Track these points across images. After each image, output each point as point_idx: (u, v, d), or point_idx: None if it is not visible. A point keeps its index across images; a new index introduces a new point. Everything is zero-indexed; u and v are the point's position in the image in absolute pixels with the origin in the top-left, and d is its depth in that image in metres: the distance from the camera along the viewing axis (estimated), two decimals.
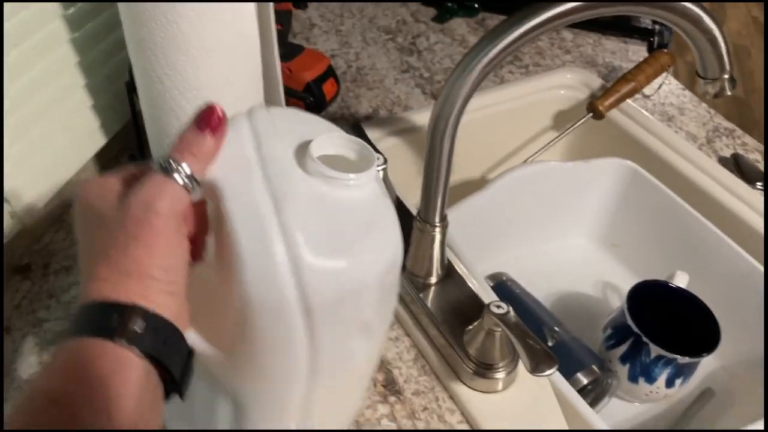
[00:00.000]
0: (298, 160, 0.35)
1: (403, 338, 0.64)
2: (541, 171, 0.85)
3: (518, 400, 0.58)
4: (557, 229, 0.91)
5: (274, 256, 0.32)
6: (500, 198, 0.82)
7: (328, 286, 0.33)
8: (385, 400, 0.58)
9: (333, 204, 0.34)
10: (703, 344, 0.69)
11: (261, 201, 0.33)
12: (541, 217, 0.89)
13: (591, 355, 0.71)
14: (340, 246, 0.33)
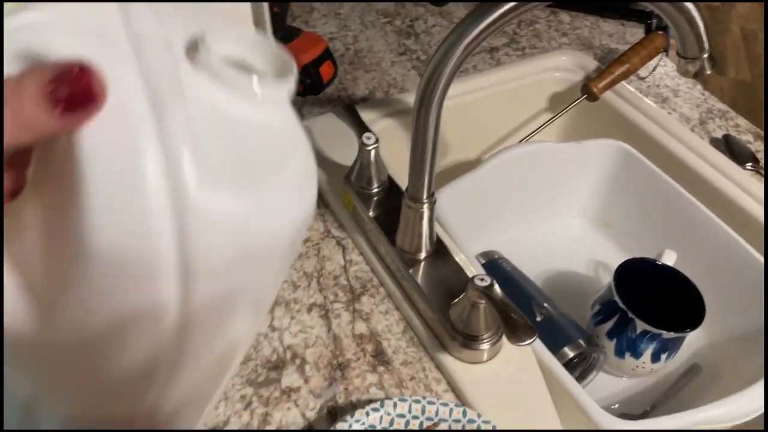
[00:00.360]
0: (187, 53, 0.23)
1: (393, 312, 0.66)
2: (534, 151, 0.86)
3: (502, 371, 0.60)
4: (550, 209, 0.93)
5: (143, 180, 0.21)
6: (493, 178, 0.84)
7: (222, 238, 0.22)
8: (373, 370, 0.60)
9: (235, 122, 0.23)
10: (689, 321, 0.70)
11: (129, 95, 0.21)
12: (534, 197, 0.91)
13: (578, 330, 0.73)
14: (246, 179, 0.23)
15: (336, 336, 0.63)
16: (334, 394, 0.59)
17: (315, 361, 0.61)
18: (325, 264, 0.70)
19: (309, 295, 0.66)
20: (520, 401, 0.58)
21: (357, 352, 0.62)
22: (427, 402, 0.53)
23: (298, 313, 0.65)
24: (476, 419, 0.53)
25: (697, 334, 0.81)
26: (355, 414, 0.52)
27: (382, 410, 0.53)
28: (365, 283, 0.68)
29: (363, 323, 0.64)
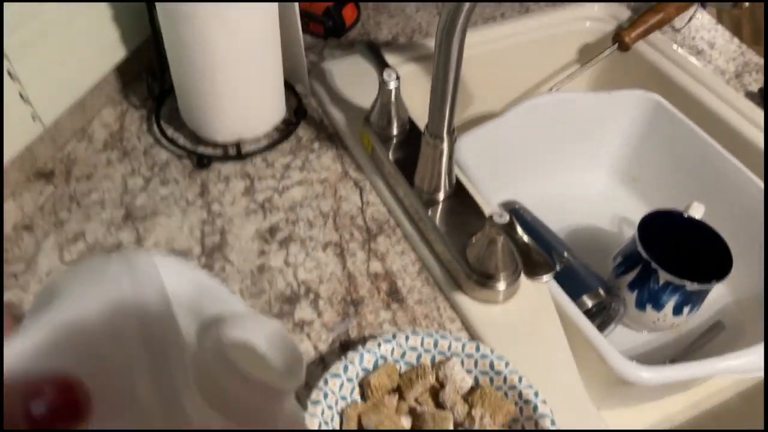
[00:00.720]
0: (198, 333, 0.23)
1: (409, 252, 0.65)
2: (562, 101, 0.84)
3: (518, 313, 0.59)
4: (576, 162, 0.90)
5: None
6: (517, 127, 0.82)
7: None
8: (387, 307, 0.60)
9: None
10: (714, 274, 0.68)
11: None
12: (559, 150, 0.88)
13: (598, 280, 0.71)
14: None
15: (350, 273, 0.62)
16: (347, 328, 0.58)
17: (329, 296, 0.60)
18: (342, 204, 0.69)
19: (324, 234, 0.66)
20: (535, 344, 0.57)
21: (371, 289, 0.61)
22: (440, 336, 0.53)
23: (313, 250, 0.64)
24: (489, 354, 0.52)
25: (722, 292, 0.79)
26: (366, 344, 0.52)
27: (394, 342, 0.52)
28: (382, 224, 0.67)
29: (378, 262, 0.64)
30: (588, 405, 0.54)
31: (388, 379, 0.50)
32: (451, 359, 0.52)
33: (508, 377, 0.51)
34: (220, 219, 0.66)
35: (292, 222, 0.67)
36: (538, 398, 0.49)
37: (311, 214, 0.67)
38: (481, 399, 0.50)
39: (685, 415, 0.70)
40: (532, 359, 0.55)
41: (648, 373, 0.57)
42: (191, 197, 0.68)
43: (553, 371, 0.55)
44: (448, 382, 0.51)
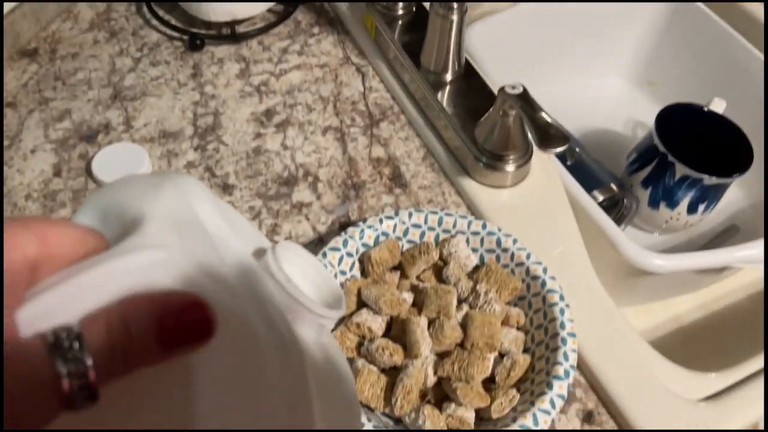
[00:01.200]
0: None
1: (413, 138, 0.61)
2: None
3: (527, 197, 0.56)
4: (590, 64, 0.86)
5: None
6: (531, 19, 0.77)
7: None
8: (390, 192, 0.57)
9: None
10: (733, 168, 0.65)
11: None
12: (573, 50, 0.84)
13: (610, 175, 0.68)
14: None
15: (351, 158, 0.59)
16: (347, 210, 0.55)
17: (328, 179, 0.57)
18: (343, 89, 0.65)
19: (324, 118, 0.62)
20: (544, 228, 0.54)
21: (373, 174, 0.58)
22: (444, 213, 0.50)
23: (312, 134, 0.61)
24: (496, 232, 0.49)
25: (737, 195, 0.76)
26: (368, 220, 0.49)
27: (397, 219, 0.49)
28: (385, 110, 0.63)
29: (381, 148, 0.60)
30: (602, 294, 0.51)
31: (390, 255, 0.48)
32: (455, 236, 0.49)
33: (516, 254, 0.48)
34: (214, 101, 0.63)
35: (289, 106, 0.63)
36: (546, 274, 0.47)
37: (310, 98, 0.64)
38: (487, 276, 0.47)
39: (693, 315, 0.68)
40: (541, 246, 0.53)
41: (662, 260, 0.54)
42: (183, 79, 0.64)
43: (563, 258, 0.53)
44: (452, 260, 0.48)
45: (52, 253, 0.19)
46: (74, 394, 0.17)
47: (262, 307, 0.21)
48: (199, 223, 0.22)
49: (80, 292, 0.18)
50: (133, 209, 0.22)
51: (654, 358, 0.48)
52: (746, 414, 0.45)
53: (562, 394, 0.41)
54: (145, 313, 0.18)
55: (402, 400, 0.40)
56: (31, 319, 0.17)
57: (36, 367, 0.16)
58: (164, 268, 0.20)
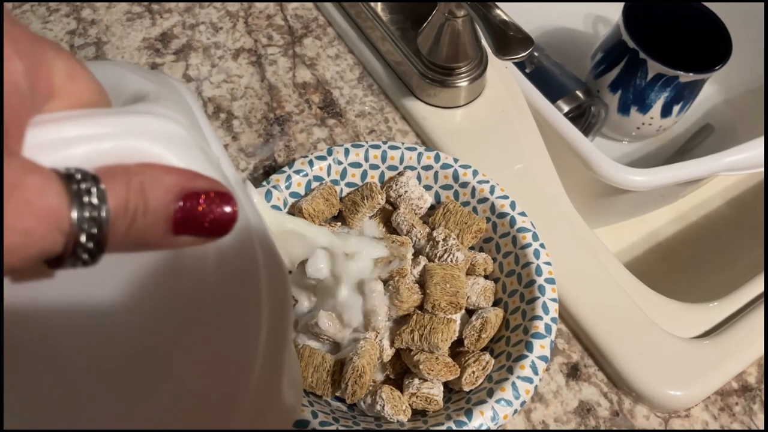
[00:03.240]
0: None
1: (345, 55, 0.51)
2: None
3: (484, 116, 0.48)
4: None
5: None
6: None
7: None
8: (322, 124, 0.47)
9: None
10: (709, 62, 0.57)
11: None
12: None
13: (575, 81, 0.60)
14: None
15: (272, 86, 0.49)
16: (272, 152, 0.46)
17: (245, 115, 0.47)
18: (255, 2, 0.53)
19: (235, 39, 0.51)
20: (506, 153, 0.46)
21: (300, 103, 0.48)
22: (388, 147, 0.41)
23: (220, 60, 0.50)
24: (452, 163, 0.41)
25: (710, 92, 0.69)
26: (294, 164, 0.40)
27: (330, 158, 0.40)
28: (308, 23, 0.53)
29: (307, 70, 0.50)
30: (577, 219, 0.44)
31: (326, 204, 0.39)
32: (404, 174, 0.41)
33: (477, 188, 0.40)
34: (94, 28, 0.50)
35: (190, 26, 0.51)
36: (515, 210, 0.39)
37: (215, 15, 0.52)
38: (445, 218, 0.39)
39: (671, 228, 0.62)
40: (505, 171, 0.45)
41: (641, 176, 0.47)
42: (53, 3, 0.51)
43: (531, 183, 0.45)
44: (401, 202, 0.40)
45: (72, 90, 0.16)
46: (78, 246, 0.14)
47: (258, 222, 0.20)
48: (198, 123, 0.21)
49: (96, 137, 0.16)
50: (134, 85, 0.20)
51: (640, 292, 0.42)
52: (750, 349, 0.39)
53: (545, 355, 0.34)
54: (167, 186, 0.16)
55: (353, 385, 0.33)
56: (37, 145, 0.15)
57: (50, 202, 0.14)
58: (181, 144, 0.17)
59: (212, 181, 0.17)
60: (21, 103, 0.14)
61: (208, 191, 0.16)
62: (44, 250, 0.14)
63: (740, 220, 0.63)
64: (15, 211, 0.13)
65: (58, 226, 0.14)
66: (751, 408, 0.38)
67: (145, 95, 0.19)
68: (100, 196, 0.14)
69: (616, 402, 0.38)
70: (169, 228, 0.16)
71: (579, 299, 0.40)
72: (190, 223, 0.16)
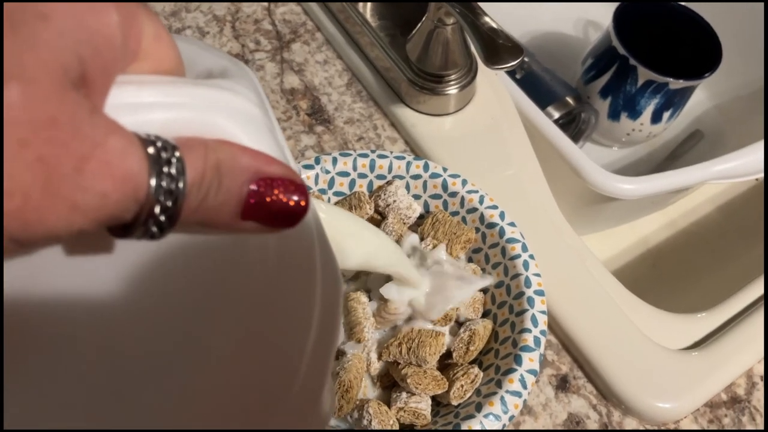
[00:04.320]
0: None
1: (334, 61, 0.50)
2: None
3: (473, 124, 0.47)
4: None
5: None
6: None
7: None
8: (310, 131, 0.47)
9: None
10: (700, 69, 0.57)
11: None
12: None
13: (565, 87, 0.59)
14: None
15: None
16: None
17: None
18: (242, 6, 0.53)
19: (221, 44, 0.50)
20: (496, 161, 0.46)
21: (288, 110, 0.48)
22: (377, 155, 0.40)
23: None
24: (441, 173, 0.40)
25: (700, 97, 0.69)
26: None
27: (318, 167, 0.40)
28: (296, 28, 0.52)
29: (294, 75, 0.49)
30: (564, 227, 0.44)
31: None
32: (393, 183, 0.40)
33: (466, 198, 0.40)
34: None
35: (176, 30, 0.51)
36: (504, 220, 0.39)
37: (201, 19, 0.51)
38: (434, 228, 0.39)
39: (661, 234, 0.62)
40: (494, 179, 0.44)
41: (631, 185, 0.47)
42: None
43: (521, 190, 0.44)
44: (390, 212, 0.39)
45: (156, 54, 0.16)
46: (151, 217, 0.14)
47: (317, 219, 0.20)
48: (268, 108, 0.19)
49: (176, 105, 0.15)
50: (207, 61, 0.19)
51: (630, 302, 0.42)
52: (738, 360, 0.39)
53: (534, 369, 0.34)
54: (243, 167, 0.15)
55: (340, 400, 0.32)
56: (118, 106, 0.14)
57: (131, 167, 0.13)
58: (256, 125, 0.17)
59: (287, 169, 0.16)
60: (113, 59, 0.14)
61: (282, 178, 0.16)
62: (114, 217, 0.13)
63: (730, 227, 0.63)
64: (95, 171, 0.12)
65: (135, 193, 0.13)
66: (740, 420, 0.38)
67: (219, 72, 0.19)
68: (179, 167, 0.14)
69: (606, 414, 0.37)
70: (238, 211, 0.15)
71: (568, 310, 0.39)
72: (261, 209, 0.15)
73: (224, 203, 0.15)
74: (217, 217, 0.15)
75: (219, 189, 0.15)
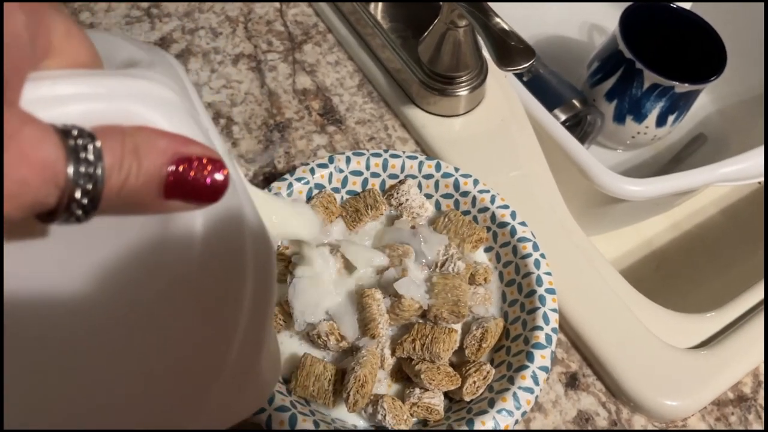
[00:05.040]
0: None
1: (345, 62, 0.51)
2: None
3: (483, 125, 0.48)
4: None
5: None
6: None
7: None
8: (322, 131, 0.47)
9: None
10: (704, 73, 0.58)
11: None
12: None
13: (571, 89, 0.60)
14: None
15: (272, 91, 0.49)
16: (272, 158, 0.46)
17: (245, 121, 0.47)
18: (255, 7, 0.53)
19: (234, 44, 0.51)
20: (505, 161, 0.46)
21: (300, 110, 0.48)
22: (390, 155, 0.41)
23: (220, 65, 0.50)
24: (453, 173, 0.41)
25: (704, 101, 0.70)
26: (296, 171, 0.40)
27: (332, 166, 0.40)
28: (308, 29, 0.53)
29: (307, 76, 0.50)
30: (573, 227, 0.44)
31: (326, 212, 0.39)
32: (405, 182, 0.41)
33: (478, 198, 0.40)
34: None
35: (189, 31, 0.51)
36: (515, 220, 0.39)
37: (214, 20, 0.52)
38: (446, 227, 0.39)
39: (665, 236, 0.63)
40: (503, 179, 0.45)
41: (638, 186, 0.48)
42: None
43: (529, 191, 0.45)
44: (402, 211, 0.40)
45: (68, 50, 0.17)
46: (73, 202, 0.14)
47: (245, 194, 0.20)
48: (188, 93, 0.20)
49: (91, 96, 0.16)
50: (126, 53, 0.20)
51: (638, 302, 0.43)
52: (745, 359, 0.40)
53: (545, 366, 0.34)
54: (161, 149, 0.16)
55: (355, 395, 0.33)
56: (34, 100, 0.15)
57: (47, 154, 0.14)
58: (173, 110, 0.18)
59: (205, 148, 0.17)
60: (21, 56, 0.14)
61: (200, 157, 0.16)
62: (38, 202, 0.14)
63: (734, 229, 0.64)
64: (12, 160, 0.13)
65: (54, 179, 0.14)
66: (747, 418, 0.39)
67: (138, 62, 0.20)
68: (96, 153, 0.15)
69: (614, 412, 0.38)
70: (160, 191, 0.16)
71: (577, 309, 0.40)
72: (182, 187, 0.16)
73: (145, 184, 0.16)
74: (141, 197, 0.16)
75: (139, 171, 0.15)
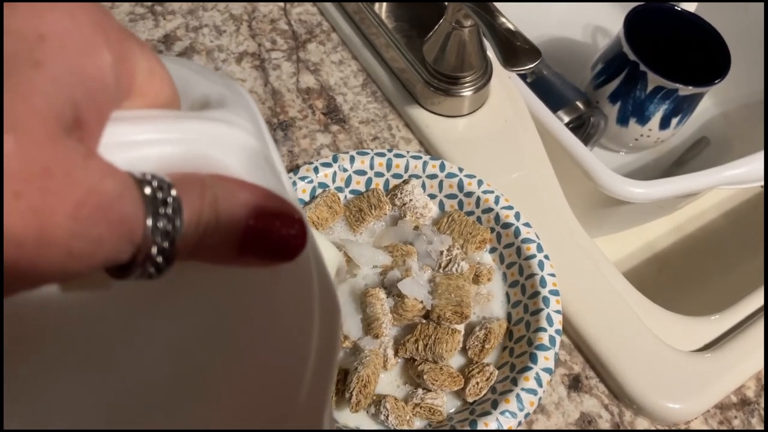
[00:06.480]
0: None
1: (349, 61, 0.51)
2: None
3: (487, 125, 0.48)
4: None
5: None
6: None
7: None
8: (326, 130, 0.47)
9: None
10: (708, 76, 0.58)
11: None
12: None
13: (575, 91, 0.60)
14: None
15: (275, 90, 0.49)
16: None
17: None
18: (259, 5, 0.53)
19: (238, 42, 0.51)
20: (509, 162, 0.46)
21: (304, 109, 0.48)
22: (393, 155, 0.41)
23: (224, 63, 0.50)
24: (457, 173, 0.41)
25: (707, 105, 0.70)
26: (300, 170, 0.40)
27: (336, 165, 0.40)
28: (312, 28, 0.53)
29: (310, 75, 0.50)
30: (577, 229, 0.44)
31: (329, 212, 0.39)
32: (409, 182, 0.41)
33: (482, 198, 0.40)
34: None
35: (193, 29, 0.51)
36: (519, 220, 0.39)
37: (218, 18, 0.52)
38: (449, 227, 0.39)
39: (668, 239, 0.63)
40: (507, 181, 0.45)
41: (642, 189, 0.48)
42: None
43: (533, 192, 0.45)
44: (407, 211, 0.40)
45: (150, 89, 0.16)
46: (147, 259, 0.13)
47: (315, 247, 0.19)
48: (264, 133, 0.19)
49: (170, 141, 0.15)
50: (201, 88, 0.19)
51: (641, 304, 0.42)
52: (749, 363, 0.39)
53: (549, 367, 0.34)
54: (241, 203, 0.15)
55: (358, 395, 0.33)
56: (112, 144, 0.14)
57: (126, 211, 0.13)
58: (252, 156, 0.17)
59: (284, 203, 0.16)
60: (106, 100, 0.14)
61: (280, 213, 0.15)
62: (109, 260, 0.13)
63: (736, 232, 0.64)
64: (89, 217, 0.12)
65: (131, 236, 0.13)
66: (750, 421, 0.39)
67: (214, 100, 0.18)
68: (176, 207, 0.13)
69: (617, 414, 0.38)
70: (236, 247, 0.15)
71: (581, 311, 0.40)
72: (259, 245, 0.15)
73: (222, 241, 0.14)
74: (215, 254, 0.15)
75: (217, 227, 0.14)
